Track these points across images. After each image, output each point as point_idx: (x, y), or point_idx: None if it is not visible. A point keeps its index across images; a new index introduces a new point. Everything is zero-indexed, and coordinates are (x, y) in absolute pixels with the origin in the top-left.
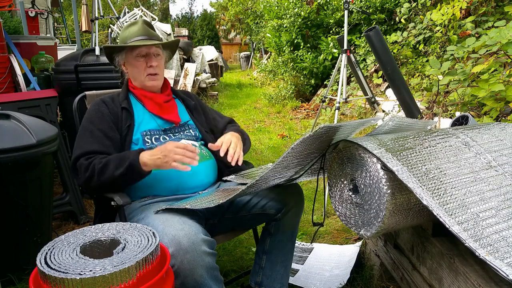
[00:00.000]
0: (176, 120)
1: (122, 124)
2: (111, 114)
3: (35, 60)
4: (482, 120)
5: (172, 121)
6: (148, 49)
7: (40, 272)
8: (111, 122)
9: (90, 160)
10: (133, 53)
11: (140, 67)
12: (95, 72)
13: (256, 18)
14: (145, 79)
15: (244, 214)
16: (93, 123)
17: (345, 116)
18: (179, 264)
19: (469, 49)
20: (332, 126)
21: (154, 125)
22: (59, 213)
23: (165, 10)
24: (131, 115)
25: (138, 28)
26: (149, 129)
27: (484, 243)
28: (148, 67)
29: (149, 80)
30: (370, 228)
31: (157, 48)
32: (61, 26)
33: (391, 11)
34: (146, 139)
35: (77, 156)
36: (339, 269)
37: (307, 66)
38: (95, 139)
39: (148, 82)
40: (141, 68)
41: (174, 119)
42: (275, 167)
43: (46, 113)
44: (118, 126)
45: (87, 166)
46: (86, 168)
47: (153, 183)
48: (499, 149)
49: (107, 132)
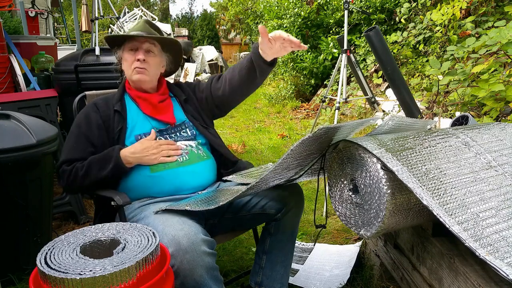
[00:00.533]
0: (171, 120)
1: (114, 127)
2: (102, 118)
3: (35, 60)
4: (482, 120)
5: (167, 122)
6: (140, 44)
7: (40, 272)
8: (99, 128)
9: (71, 166)
10: (126, 47)
11: (129, 60)
12: (95, 72)
13: (256, 18)
14: (132, 73)
15: (244, 214)
16: (80, 128)
17: (345, 116)
18: (178, 264)
19: (469, 49)
20: (331, 127)
21: (148, 127)
22: (59, 213)
23: (165, 10)
24: (124, 118)
25: (138, 25)
26: (143, 132)
27: (484, 243)
28: (136, 61)
29: (135, 73)
30: (370, 228)
31: (150, 45)
32: (61, 26)
33: (391, 11)
34: None
35: (60, 163)
36: (339, 269)
37: (307, 66)
38: (78, 145)
39: (134, 76)
40: (130, 61)
41: (169, 120)
42: (275, 168)
43: (46, 113)
44: (109, 129)
45: (69, 171)
46: (69, 174)
47: (152, 184)
48: (499, 149)
49: (92, 139)
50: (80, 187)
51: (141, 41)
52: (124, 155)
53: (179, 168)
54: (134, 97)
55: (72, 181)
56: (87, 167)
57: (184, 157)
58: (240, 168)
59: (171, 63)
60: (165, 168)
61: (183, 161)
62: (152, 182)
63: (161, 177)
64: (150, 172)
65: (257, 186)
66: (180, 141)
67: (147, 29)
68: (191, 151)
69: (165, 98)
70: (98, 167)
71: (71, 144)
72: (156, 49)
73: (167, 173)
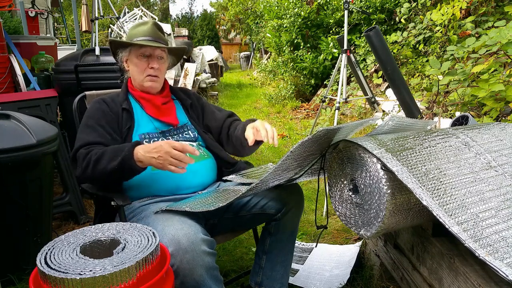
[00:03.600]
0: (174, 122)
1: (123, 125)
2: (112, 113)
3: (35, 60)
4: (482, 120)
5: (170, 123)
6: (153, 51)
7: (40, 272)
8: (112, 121)
9: (88, 149)
10: (137, 52)
11: (141, 66)
12: (95, 72)
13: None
14: (144, 80)
15: (244, 214)
16: (93, 119)
17: (345, 116)
18: (178, 263)
19: (469, 49)
20: (331, 129)
21: (151, 127)
22: (59, 213)
23: (165, 10)
24: (131, 117)
25: (147, 28)
26: (147, 132)
27: (483, 244)
28: (149, 68)
29: (148, 81)
30: (370, 228)
31: (162, 52)
32: (61, 26)
33: (391, 11)
34: (145, 143)
35: (76, 148)
36: (339, 269)
37: (307, 66)
38: (95, 132)
39: (147, 83)
40: (142, 68)
41: (172, 121)
42: (275, 170)
43: (46, 113)
44: (118, 126)
45: (85, 155)
46: (84, 158)
47: (151, 183)
48: (499, 149)
49: (107, 128)
50: (92, 176)
51: (154, 47)
52: (136, 151)
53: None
54: (137, 98)
55: (85, 166)
56: (100, 154)
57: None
58: (240, 168)
59: (172, 64)
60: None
61: None
62: (152, 180)
63: (161, 175)
64: (152, 169)
65: (257, 188)
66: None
67: (157, 34)
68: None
69: (168, 100)
70: (110, 157)
71: (86, 132)
72: (165, 55)
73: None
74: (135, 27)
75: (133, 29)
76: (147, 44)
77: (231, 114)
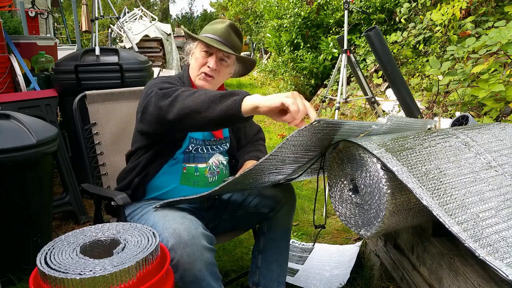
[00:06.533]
0: (220, 135)
1: None
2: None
3: (35, 60)
4: (482, 120)
5: (216, 135)
6: (217, 51)
7: (40, 272)
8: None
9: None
10: (201, 48)
11: (200, 61)
12: (95, 72)
13: (256, 18)
14: (197, 76)
15: (240, 213)
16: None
17: (345, 116)
18: (178, 257)
19: (469, 49)
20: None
21: (199, 134)
22: (59, 213)
23: (165, 10)
24: None
25: (220, 28)
26: (195, 137)
27: (483, 244)
28: (206, 66)
29: (200, 78)
30: (370, 228)
31: (226, 55)
32: (61, 26)
33: (391, 11)
34: (191, 146)
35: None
36: (339, 269)
37: (307, 66)
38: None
39: (199, 81)
40: (200, 63)
41: (218, 134)
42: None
43: (46, 113)
44: None
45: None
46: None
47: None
48: (499, 149)
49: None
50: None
51: (218, 49)
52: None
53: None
54: None
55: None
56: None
57: (214, 177)
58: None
59: (239, 73)
60: (194, 186)
61: (212, 182)
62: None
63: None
64: (179, 183)
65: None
66: (217, 154)
67: (228, 36)
68: (221, 171)
69: None
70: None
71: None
72: (230, 59)
73: (193, 190)
74: (213, 23)
75: (209, 25)
76: (210, 44)
77: (259, 131)
